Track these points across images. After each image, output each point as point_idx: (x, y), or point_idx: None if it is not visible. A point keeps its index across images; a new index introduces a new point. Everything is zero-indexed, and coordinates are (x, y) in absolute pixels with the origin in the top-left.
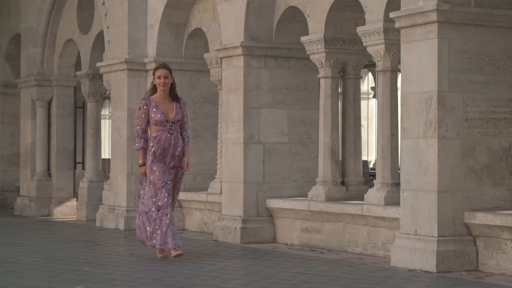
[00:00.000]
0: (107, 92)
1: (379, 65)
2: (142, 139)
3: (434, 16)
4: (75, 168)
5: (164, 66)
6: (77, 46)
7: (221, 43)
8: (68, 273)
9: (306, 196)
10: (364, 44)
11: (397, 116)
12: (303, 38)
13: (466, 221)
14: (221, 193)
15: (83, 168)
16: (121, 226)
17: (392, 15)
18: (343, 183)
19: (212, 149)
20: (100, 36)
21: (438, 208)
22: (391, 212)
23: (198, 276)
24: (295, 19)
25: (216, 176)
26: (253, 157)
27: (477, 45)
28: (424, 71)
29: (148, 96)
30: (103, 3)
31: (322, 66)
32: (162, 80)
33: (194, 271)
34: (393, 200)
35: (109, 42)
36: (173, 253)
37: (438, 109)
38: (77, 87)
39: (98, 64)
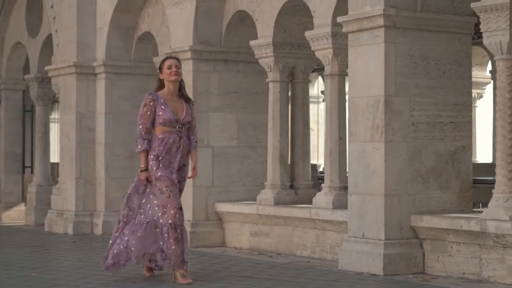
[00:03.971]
0: (56, 96)
1: (327, 70)
2: (146, 141)
3: (381, 21)
4: (23, 172)
5: (173, 56)
6: (26, 49)
7: (170, 47)
8: (15, 278)
9: (255, 200)
10: (312, 48)
11: (345, 120)
12: (252, 42)
13: (412, 224)
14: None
15: (32, 172)
16: (70, 231)
17: (339, 19)
18: (292, 187)
19: None
20: (49, 40)
21: (385, 212)
22: (339, 215)
23: (146, 281)
24: (244, 23)
25: None
26: (202, 161)
27: (423, 49)
28: (371, 75)
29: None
30: (52, 6)
31: (271, 70)
32: (173, 69)
33: (141, 275)
34: (341, 203)
35: (57, 45)
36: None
37: (385, 113)
38: (26, 91)
39: (46, 68)
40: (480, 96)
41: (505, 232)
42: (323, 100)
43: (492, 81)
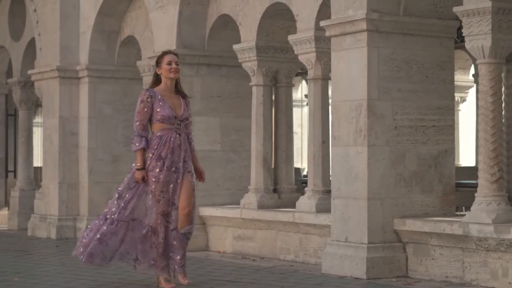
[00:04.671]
0: (39, 100)
1: (311, 73)
2: (143, 138)
3: (363, 25)
4: (6, 176)
5: (172, 52)
6: (9, 53)
7: (153, 51)
8: None
9: (239, 204)
10: (295, 52)
11: (328, 123)
12: (235, 46)
13: (395, 228)
14: None
15: (15, 177)
16: (53, 235)
17: (322, 23)
18: (275, 190)
19: None
20: (32, 43)
21: (368, 215)
22: (322, 219)
23: (129, 285)
24: (227, 27)
25: None
26: None
27: (406, 53)
28: (354, 79)
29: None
30: (35, 10)
31: (254, 74)
32: (173, 66)
33: (126, 280)
34: (324, 207)
35: (40, 49)
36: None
37: (368, 117)
38: (9, 95)
39: (29, 72)
40: (463, 99)
41: (488, 236)
42: (307, 104)
43: (475, 84)
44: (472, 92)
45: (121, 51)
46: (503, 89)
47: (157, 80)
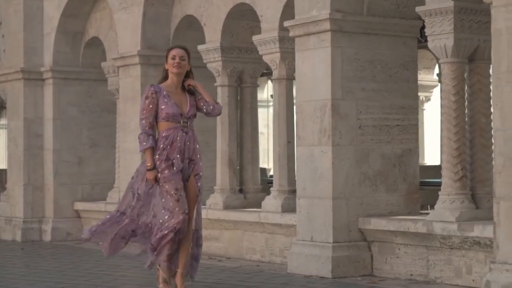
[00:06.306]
0: (4, 102)
1: (275, 74)
2: (150, 137)
3: (327, 25)
4: None
5: (181, 46)
6: None
7: (118, 52)
8: None
9: (205, 204)
10: (260, 52)
11: (293, 124)
12: (200, 47)
13: (360, 227)
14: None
15: None
16: (18, 238)
17: (286, 24)
18: (241, 191)
19: (111, 159)
20: None
21: (333, 215)
22: (288, 219)
23: (95, 286)
24: (192, 27)
25: (114, 185)
26: None
27: (369, 53)
28: (318, 79)
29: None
30: None
31: (219, 75)
32: (177, 60)
33: (92, 282)
34: (290, 207)
35: (4, 51)
36: None
37: (332, 117)
38: None
39: None
40: (427, 99)
41: (451, 234)
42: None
43: (439, 84)
44: (436, 92)
45: (86, 52)
46: (466, 88)
47: (166, 75)
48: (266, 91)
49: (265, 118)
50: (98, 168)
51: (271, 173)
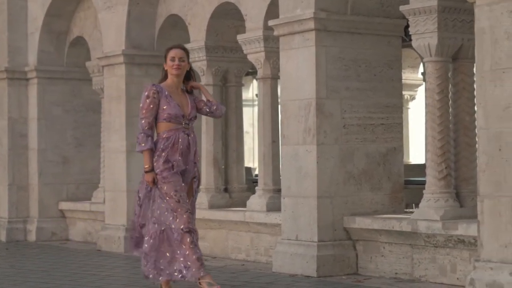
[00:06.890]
0: None
1: (260, 73)
2: (149, 138)
3: (311, 24)
4: None
5: (179, 46)
6: None
7: (102, 51)
8: None
9: None
10: (244, 52)
11: (277, 123)
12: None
13: (345, 226)
14: (104, 202)
15: None
16: (3, 238)
17: (271, 23)
18: (226, 190)
19: (95, 158)
20: None
21: (318, 214)
22: (273, 218)
23: (80, 286)
24: (176, 27)
25: (99, 185)
26: (136, 166)
27: (354, 52)
28: (302, 78)
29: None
30: None
31: (204, 74)
32: (176, 62)
33: (77, 282)
34: (274, 206)
35: None
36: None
37: (316, 116)
38: None
39: None
40: (412, 97)
41: (436, 232)
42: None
43: (423, 83)
44: (421, 90)
45: (70, 51)
46: (450, 87)
47: (165, 75)
48: (251, 90)
49: (250, 117)
50: (83, 167)
51: (256, 172)
